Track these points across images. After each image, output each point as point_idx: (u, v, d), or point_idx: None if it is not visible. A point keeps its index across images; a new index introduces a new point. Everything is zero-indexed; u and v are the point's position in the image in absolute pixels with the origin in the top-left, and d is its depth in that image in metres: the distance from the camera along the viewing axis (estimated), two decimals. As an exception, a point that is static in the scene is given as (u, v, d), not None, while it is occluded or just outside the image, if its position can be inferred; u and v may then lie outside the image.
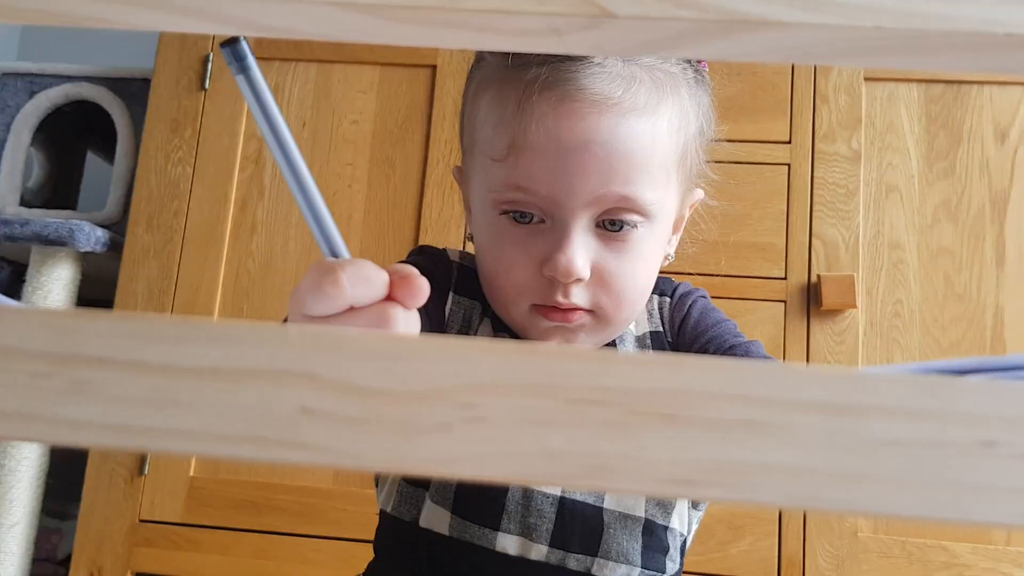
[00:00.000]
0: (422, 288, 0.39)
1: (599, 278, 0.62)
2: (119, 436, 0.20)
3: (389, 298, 0.39)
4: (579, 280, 0.61)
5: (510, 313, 0.66)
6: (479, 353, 0.20)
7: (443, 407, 0.20)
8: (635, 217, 0.62)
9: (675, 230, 0.72)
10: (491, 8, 0.25)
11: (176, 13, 0.26)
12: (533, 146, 0.60)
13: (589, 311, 0.63)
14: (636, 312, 0.67)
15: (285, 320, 0.43)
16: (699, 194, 0.72)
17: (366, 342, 0.20)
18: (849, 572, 1.27)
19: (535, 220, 0.63)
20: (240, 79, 0.37)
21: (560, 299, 0.62)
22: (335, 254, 0.40)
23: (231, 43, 0.35)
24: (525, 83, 0.61)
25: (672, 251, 0.73)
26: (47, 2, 0.23)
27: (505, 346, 0.20)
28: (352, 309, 0.38)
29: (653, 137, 0.61)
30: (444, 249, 0.76)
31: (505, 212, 0.63)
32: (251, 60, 0.37)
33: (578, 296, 0.62)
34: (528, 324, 0.66)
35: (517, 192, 0.62)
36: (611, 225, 0.62)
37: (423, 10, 0.25)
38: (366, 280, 0.38)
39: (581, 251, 0.61)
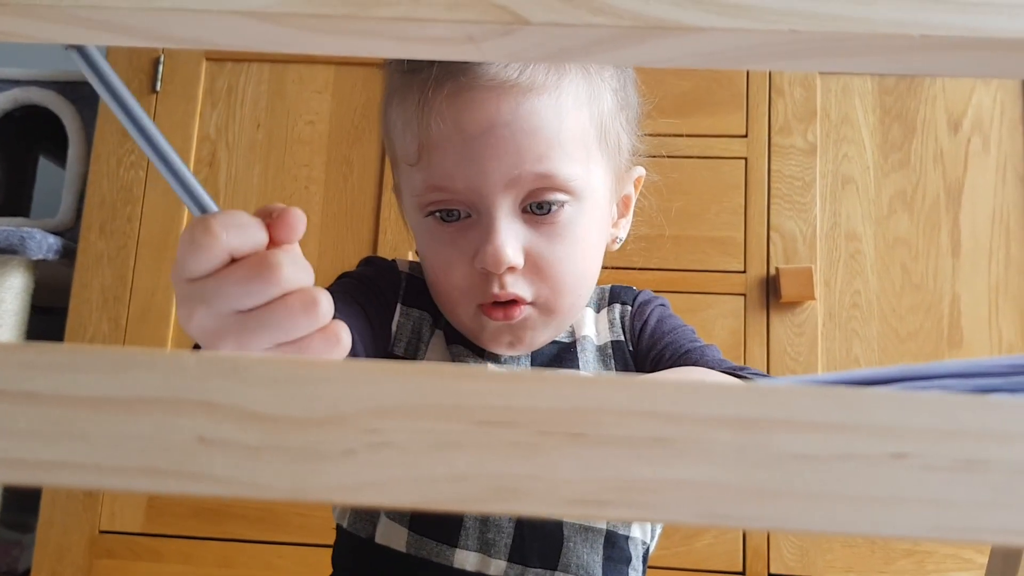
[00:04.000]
0: (298, 219, 0.38)
1: (534, 265, 0.62)
2: (11, 471, 0.20)
3: (270, 245, 0.38)
4: (512, 269, 0.61)
5: (460, 317, 0.66)
6: (383, 376, 0.19)
7: (346, 433, 0.19)
8: (559, 195, 0.61)
9: (622, 212, 0.72)
10: (404, 16, 0.25)
11: (79, 25, 0.25)
12: (440, 143, 0.60)
13: (531, 303, 0.63)
14: (582, 298, 0.67)
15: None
16: (639, 171, 0.72)
17: (265, 367, 0.19)
18: (813, 562, 1.28)
19: (462, 216, 0.62)
20: (73, 53, 0.35)
21: (496, 291, 0.61)
22: (204, 210, 0.39)
23: None
24: (419, 83, 0.61)
25: (623, 234, 0.72)
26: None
27: (409, 368, 0.19)
28: (233, 262, 0.37)
29: (558, 112, 0.61)
30: (393, 260, 0.75)
31: (431, 214, 0.63)
32: None
33: (515, 286, 0.61)
34: (478, 327, 0.65)
35: (437, 192, 0.62)
36: (538, 208, 0.61)
37: (333, 19, 0.25)
38: (240, 226, 0.37)
39: (509, 239, 0.60)
